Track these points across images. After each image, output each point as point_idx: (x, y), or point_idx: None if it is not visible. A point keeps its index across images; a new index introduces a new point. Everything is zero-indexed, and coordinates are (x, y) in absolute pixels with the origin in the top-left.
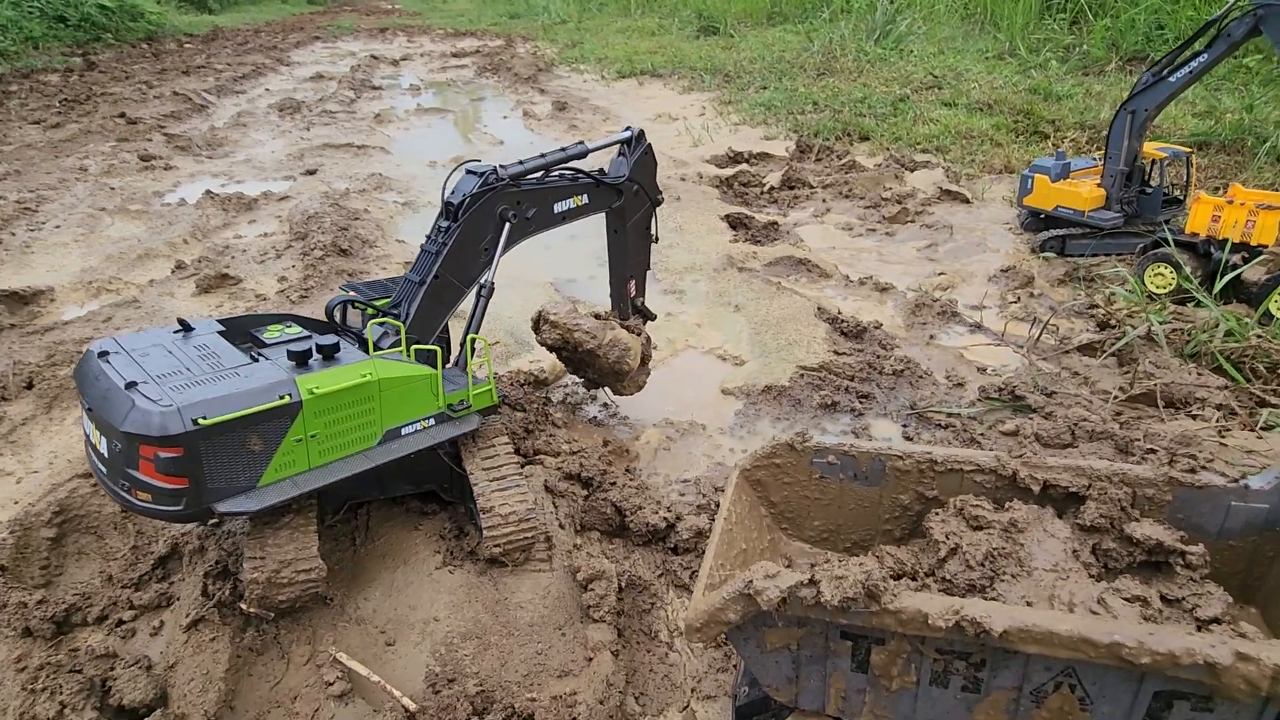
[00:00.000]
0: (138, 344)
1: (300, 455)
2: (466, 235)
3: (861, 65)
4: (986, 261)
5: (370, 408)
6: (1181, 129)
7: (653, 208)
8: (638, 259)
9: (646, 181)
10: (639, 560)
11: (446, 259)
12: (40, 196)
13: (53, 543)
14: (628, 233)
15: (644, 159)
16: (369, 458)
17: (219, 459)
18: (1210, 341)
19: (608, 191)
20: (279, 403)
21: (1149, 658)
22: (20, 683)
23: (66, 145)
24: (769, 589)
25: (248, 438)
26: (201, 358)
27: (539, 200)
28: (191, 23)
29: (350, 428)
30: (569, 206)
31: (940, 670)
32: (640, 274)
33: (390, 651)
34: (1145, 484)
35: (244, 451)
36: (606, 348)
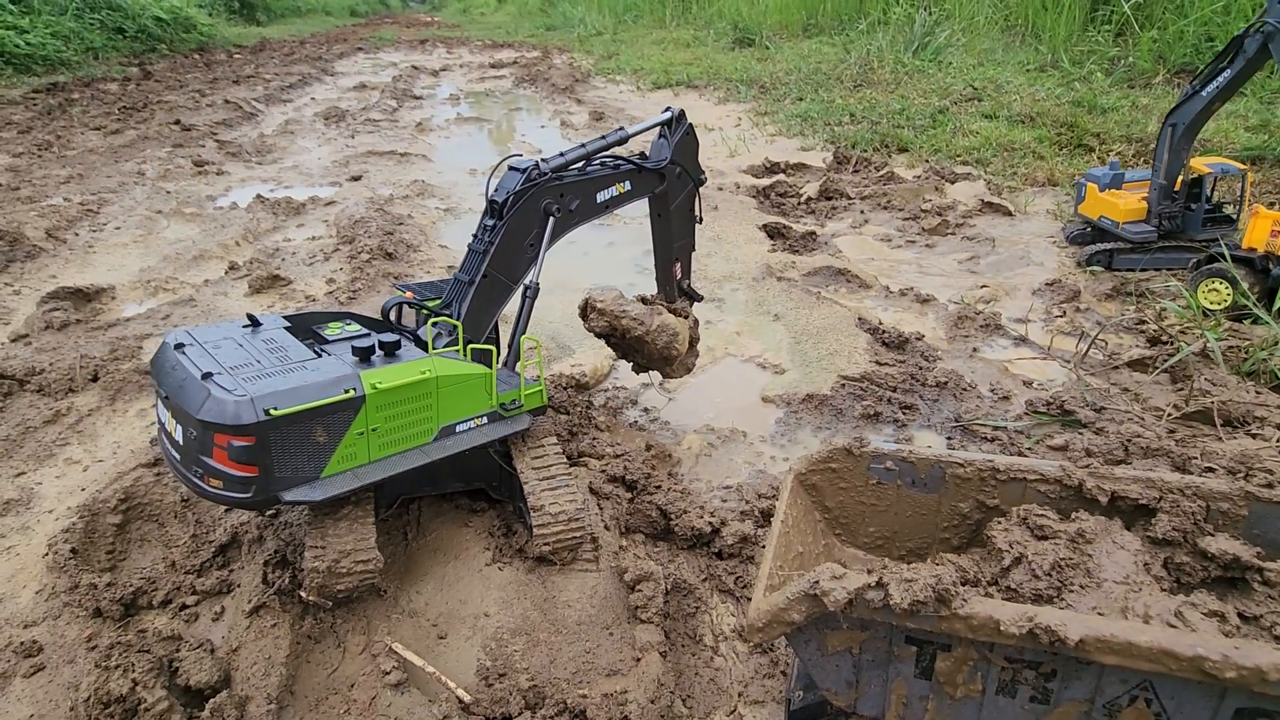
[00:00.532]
0: (210, 336)
1: (361, 448)
2: (512, 232)
3: (899, 77)
4: (1030, 275)
5: (428, 404)
6: (1233, 142)
7: (696, 188)
8: (682, 241)
9: (689, 163)
10: (683, 564)
11: (494, 257)
12: (101, 199)
13: (117, 529)
14: (671, 216)
15: (685, 140)
16: (425, 453)
17: (287, 449)
18: (1269, 359)
19: (650, 176)
20: (344, 396)
21: (1234, 672)
22: (93, 660)
23: (125, 150)
24: (836, 590)
25: (314, 429)
26: (270, 351)
27: (582, 191)
28: (241, 34)
29: (409, 423)
30: (612, 194)
31: (1008, 679)
32: (685, 256)
33: (442, 644)
34: (1220, 498)
35: (310, 442)
36: (655, 334)
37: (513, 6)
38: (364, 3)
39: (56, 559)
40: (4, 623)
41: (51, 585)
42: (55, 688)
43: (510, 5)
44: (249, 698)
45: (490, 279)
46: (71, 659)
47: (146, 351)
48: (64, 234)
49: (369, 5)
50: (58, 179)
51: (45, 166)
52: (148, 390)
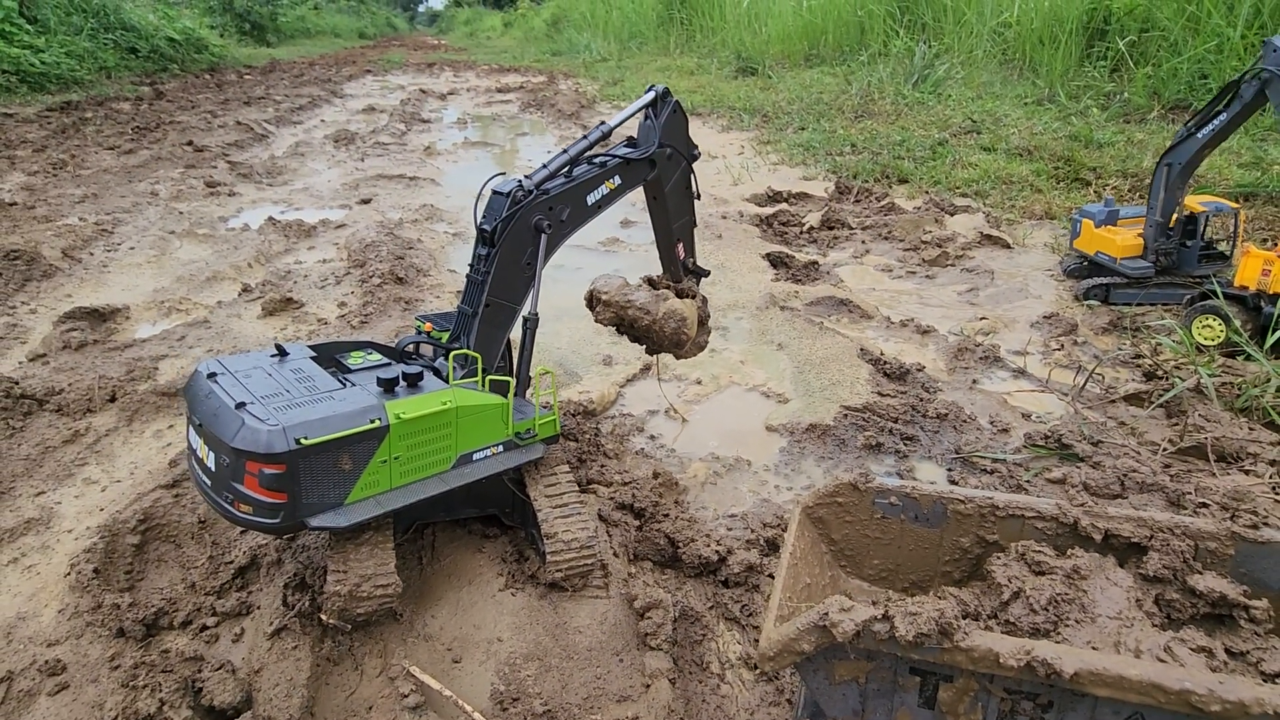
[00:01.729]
0: (240, 365)
1: (384, 476)
2: (506, 257)
3: (900, 108)
4: (1029, 307)
5: (447, 433)
6: (1227, 179)
7: (689, 166)
8: (682, 221)
9: (679, 141)
10: (691, 591)
11: (493, 285)
12: (116, 219)
13: (136, 549)
14: (667, 197)
15: (673, 119)
16: (443, 480)
17: (314, 476)
18: (1262, 396)
19: (640, 166)
20: (370, 426)
21: (1219, 705)
22: (117, 680)
23: (139, 170)
24: (844, 622)
25: (340, 457)
26: (298, 381)
27: (570, 199)
28: (251, 55)
29: (429, 451)
30: (602, 194)
31: (1007, 710)
32: (687, 235)
33: (457, 668)
34: (1208, 537)
35: (336, 470)
36: (662, 321)
37: (519, 31)
38: (372, 25)
39: (79, 579)
40: (28, 641)
41: (74, 605)
42: (80, 706)
43: (516, 30)
44: (272, 718)
45: (493, 307)
46: (95, 678)
47: (163, 373)
48: (79, 253)
49: (376, 27)
50: (73, 198)
51: (60, 185)
52: (165, 411)
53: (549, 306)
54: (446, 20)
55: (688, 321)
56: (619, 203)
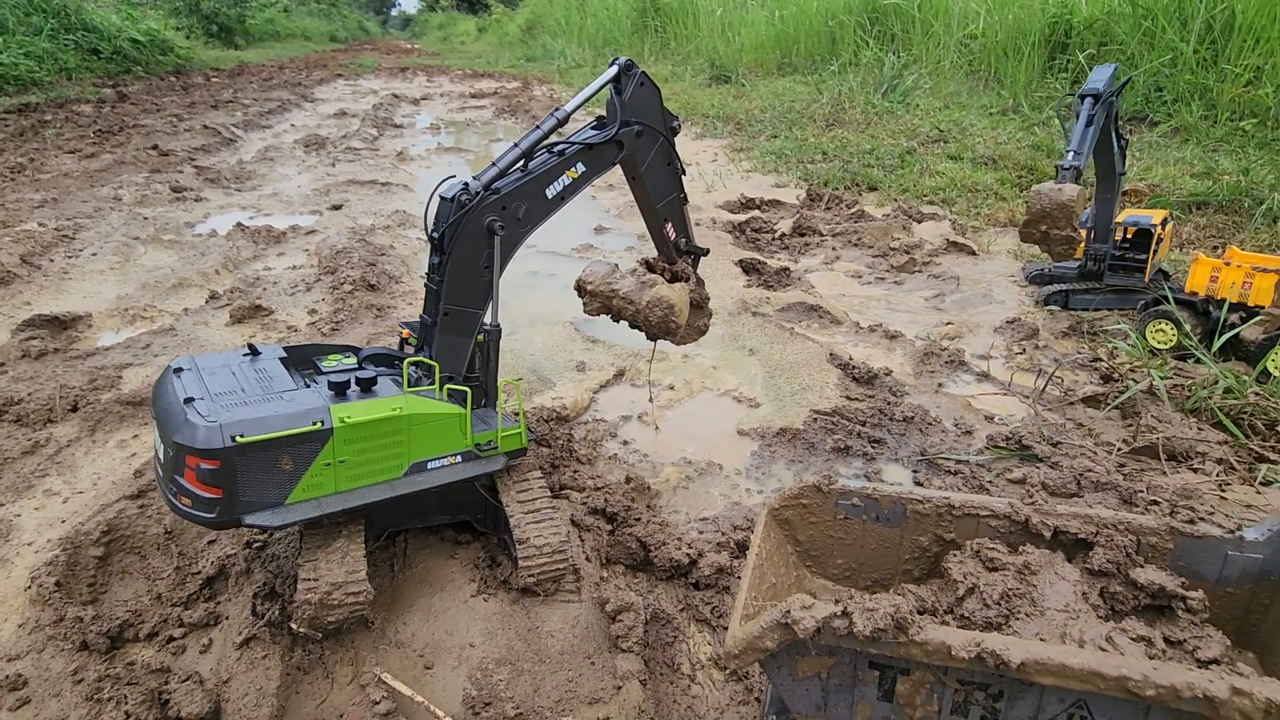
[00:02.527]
0: (209, 364)
1: (328, 478)
2: (459, 264)
3: (869, 117)
4: (992, 313)
5: (398, 440)
6: (1180, 189)
7: (669, 140)
8: (666, 200)
9: (650, 116)
10: (662, 594)
11: (449, 292)
12: (77, 224)
13: (99, 561)
14: (645, 177)
15: (640, 94)
16: (393, 487)
17: (252, 474)
18: (1210, 398)
19: (605, 149)
20: (311, 428)
21: (1154, 690)
22: (81, 694)
23: (101, 175)
24: (805, 619)
25: (280, 457)
26: (258, 380)
27: (526, 195)
28: (218, 58)
29: (378, 457)
30: (564, 185)
31: (960, 700)
32: (675, 213)
33: (429, 674)
34: (1149, 532)
35: (276, 470)
36: (647, 310)
37: (493, 36)
38: (343, 28)
39: (40, 592)
40: None
41: (35, 618)
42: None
43: (491, 35)
44: None
45: (452, 314)
46: (58, 692)
47: (126, 381)
48: (38, 260)
49: (348, 31)
50: (31, 203)
51: (18, 190)
52: (129, 421)
53: (522, 313)
54: (420, 24)
55: (675, 309)
56: (594, 209)
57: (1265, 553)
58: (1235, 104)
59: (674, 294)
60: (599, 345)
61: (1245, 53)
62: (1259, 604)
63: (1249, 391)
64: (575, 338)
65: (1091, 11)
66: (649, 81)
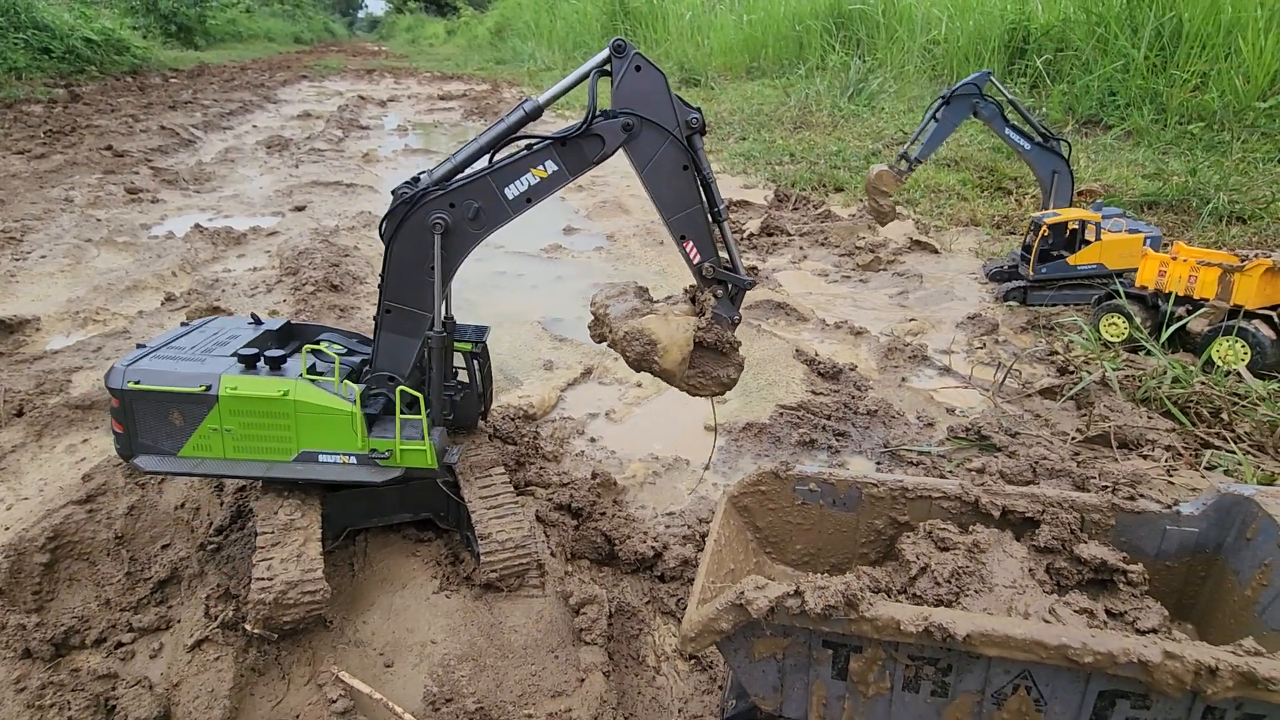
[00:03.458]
0: (218, 325)
1: (216, 443)
2: (400, 260)
3: (836, 120)
4: (954, 309)
5: (285, 424)
6: (1133, 189)
7: (679, 139)
8: (682, 212)
9: (650, 107)
10: (627, 588)
11: (390, 288)
12: (25, 226)
13: (45, 568)
14: (649, 180)
15: (634, 79)
16: (279, 469)
17: (146, 420)
18: (1159, 387)
19: (581, 145)
20: (197, 390)
21: (1091, 657)
22: (23, 702)
23: (51, 176)
24: (759, 599)
25: (171, 411)
26: (218, 344)
27: (478, 193)
28: (177, 58)
29: (264, 435)
30: (529, 184)
31: (911, 676)
32: (695, 229)
33: (389, 673)
34: (1091, 509)
35: (167, 422)
36: (624, 342)
37: (462, 39)
38: (308, 30)
39: None
40: None
41: None
42: None
43: (460, 38)
44: None
45: (394, 313)
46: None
47: (76, 385)
48: None
49: (313, 32)
50: None
51: None
52: (78, 425)
53: (490, 312)
54: (387, 27)
55: (657, 346)
56: (564, 209)
57: (1200, 526)
58: (1184, 108)
59: (662, 328)
60: (566, 344)
61: (1192, 59)
62: (1196, 576)
63: (1195, 381)
64: (543, 337)
65: (1048, 18)
66: (647, 64)
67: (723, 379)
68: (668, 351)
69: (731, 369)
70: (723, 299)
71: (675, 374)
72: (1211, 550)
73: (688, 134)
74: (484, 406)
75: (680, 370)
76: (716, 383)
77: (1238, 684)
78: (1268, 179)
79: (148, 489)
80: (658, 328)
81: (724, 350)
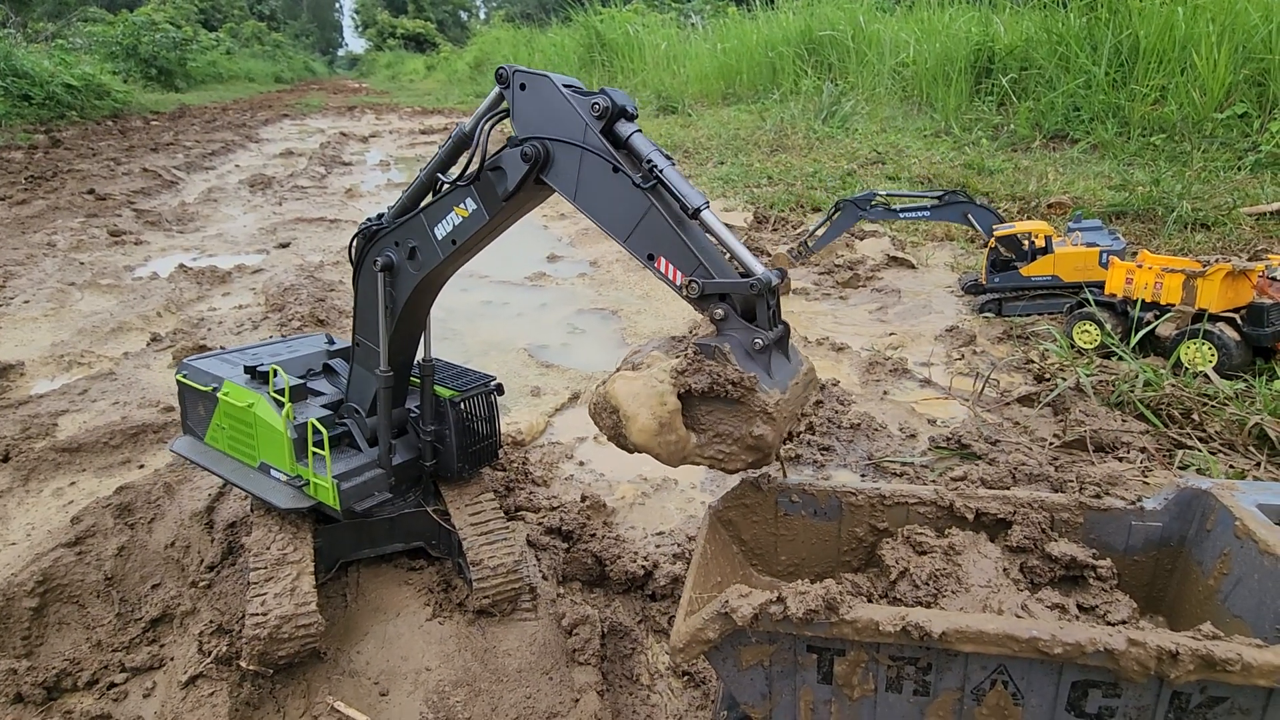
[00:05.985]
0: (300, 342)
1: (221, 438)
2: (361, 295)
3: (811, 142)
4: (932, 322)
5: (250, 434)
6: (1100, 200)
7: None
8: (631, 225)
9: (548, 124)
10: (619, 608)
11: (358, 324)
12: (8, 272)
13: (34, 613)
14: (581, 206)
15: (523, 100)
16: (246, 475)
17: (191, 408)
18: (1132, 391)
19: (494, 176)
20: (207, 389)
21: (1061, 648)
22: None
23: (34, 221)
24: (743, 606)
25: (198, 403)
26: (274, 356)
27: (414, 231)
28: (158, 100)
29: (240, 440)
30: (454, 224)
31: (894, 676)
32: (660, 239)
33: (384, 701)
34: (1061, 509)
35: (197, 411)
36: (594, 417)
37: (442, 74)
38: (288, 69)
39: None
40: None
41: None
42: None
43: (439, 73)
44: None
45: (362, 347)
46: None
47: (63, 429)
48: None
49: (294, 72)
50: None
51: None
52: (66, 469)
53: (475, 341)
54: (367, 64)
55: (626, 417)
56: (547, 237)
57: (1164, 520)
58: (1145, 121)
59: (624, 389)
60: (553, 370)
61: (1150, 74)
62: (1163, 569)
63: (1165, 383)
64: (529, 364)
65: (1011, 39)
66: (531, 76)
67: (746, 440)
68: (631, 420)
69: (754, 422)
70: (728, 318)
71: (656, 449)
72: (1176, 543)
73: (603, 127)
74: (463, 459)
75: (661, 443)
76: (743, 447)
77: (1198, 667)
78: (1228, 186)
79: (137, 529)
80: (621, 389)
81: (736, 397)
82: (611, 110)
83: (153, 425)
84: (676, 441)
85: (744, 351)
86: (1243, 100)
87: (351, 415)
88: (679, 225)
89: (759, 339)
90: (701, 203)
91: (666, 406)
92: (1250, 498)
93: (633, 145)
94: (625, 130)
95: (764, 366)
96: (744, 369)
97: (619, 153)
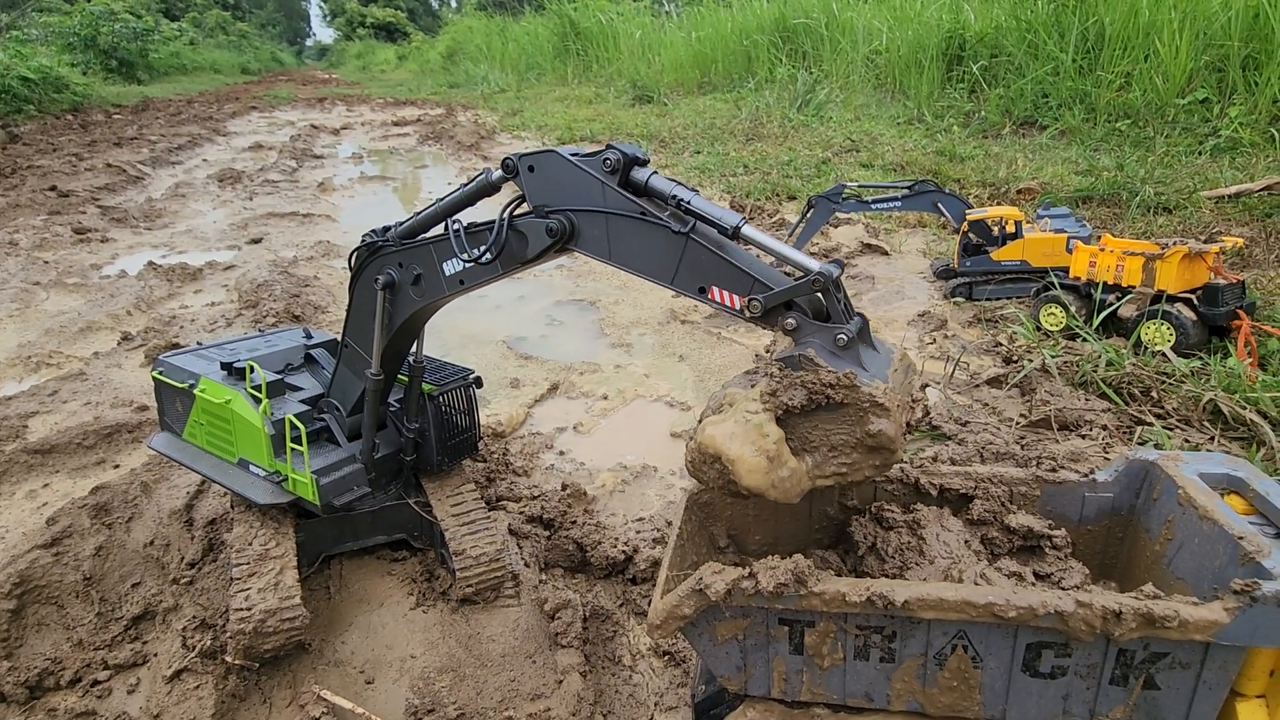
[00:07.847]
0: (277, 337)
1: (199, 434)
2: (357, 303)
3: (786, 131)
4: (905, 308)
5: (228, 430)
6: (1068, 185)
7: (619, 197)
8: (677, 261)
9: (570, 191)
10: (601, 592)
11: (348, 327)
12: None
13: (12, 615)
14: (622, 264)
15: (533, 181)
16: (225, 470)
17: (167, 404)
18: (1094, 371)
19: (514, 236)
20: (183, 385)
21: (1015, 612)
22: None
23: None
24: (716, 582)
25: (176, 399)
26: (252, 350)
27: (421, 260)
28: (120, 93)
29: (219, 436)
30: (461, 268)
31: (861, 645)
32: (707, 269)
33: (370, 689)
34: (1018, 482)
35: (174, 407)
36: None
37: (414, 64)
38: (255, 60)
39: None
40: None
41: None
42: None
43: (411, 63)
44: None
45: (350, 349)
46: None
47: (34, 430)
48: None
49: (261, 63)
50: None
51: None
52: (38, 470)
53: (454, 334)
54: (337, 54)
55: (726, 460)
56: None
57: (1114, 490)
58: (1110, 107)
59: (718, 434)
60: (532, 361)
61: (1115, 60)
62: (1115, 537)
63: (1126, 363)
64: (508, 356)
65: (982, 26)
66: (537, 156)
67: (866, 441)
68: (737, 462)
69: (868, 419)
70: (801, 325)
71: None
72: (1126, 512)
73: (620, 181)
74: (442, 452)
75: (776, 481)
76: (865, 451)
77: (1140, 624)
78: (1189, 170)
79: (115, 528)
80: (715, 434)
81: (839, 400)
82: (623, 161)
83: (127, 425)
84: (791, 475)
85: (829, 352)
86: (1203, 86)
87: (331, 410)
88: (721, 250)
89: (841, 335)
90: (738, 221)
91: (769, 437)
92: (1193, 468)
93: (653, 188)
94: (642, 175)
95: (855, 361)
96: (837, 368)
97: (642, 200)
